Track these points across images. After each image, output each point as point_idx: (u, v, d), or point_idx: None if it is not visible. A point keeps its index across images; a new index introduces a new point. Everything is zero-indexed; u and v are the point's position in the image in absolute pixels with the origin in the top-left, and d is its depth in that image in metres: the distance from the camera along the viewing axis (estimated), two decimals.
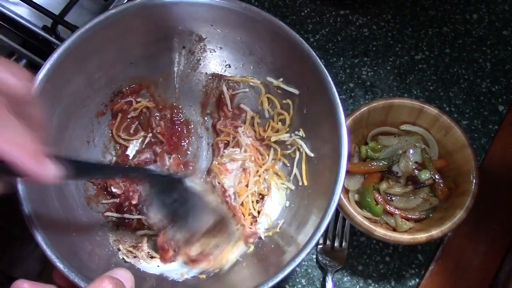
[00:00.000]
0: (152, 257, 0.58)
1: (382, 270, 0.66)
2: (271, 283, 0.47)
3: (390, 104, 0.62)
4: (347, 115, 0.62)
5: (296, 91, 0.59)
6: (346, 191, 0.64)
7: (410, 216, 0.62)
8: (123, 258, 0.57)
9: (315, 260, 0.66)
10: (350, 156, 0.65)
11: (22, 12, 0.67)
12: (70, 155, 0.57)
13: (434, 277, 0.66)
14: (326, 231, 0.66)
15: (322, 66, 0.54)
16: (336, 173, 0.50)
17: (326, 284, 0.64)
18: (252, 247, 0.58)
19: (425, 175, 0.61)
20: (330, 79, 0.53)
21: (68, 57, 0.52)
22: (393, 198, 0.62)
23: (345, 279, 0.66)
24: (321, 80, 0.54)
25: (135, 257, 0.57)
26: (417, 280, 0.66)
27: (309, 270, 0.66)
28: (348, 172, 0.64)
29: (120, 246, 0.57)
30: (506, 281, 0.64)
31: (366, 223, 0.58)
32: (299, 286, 0.65)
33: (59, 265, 0.45)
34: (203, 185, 0.62)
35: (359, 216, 0.58)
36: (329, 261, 0.65)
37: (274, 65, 0.61)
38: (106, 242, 0.57)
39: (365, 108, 0.62)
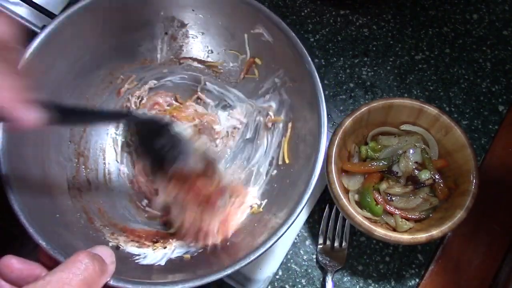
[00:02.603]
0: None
1: (382, 270, 0.66)
2: (250, 259, 0.47)
3: (390, 104, 0.62)
4: (347, 115, 0.62)
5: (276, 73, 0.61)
6: (346, 191, 0.64)
7: (410, 216, 0.62)
8: (108, 241, 0.56)
9: (315, 260, 0.66)
10: (350, 156, 0.65)
11: (22, 12, 0.68)
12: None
13: (434, 277, 0.66)
14: (326, 231, 0.66)
15: (301, 44, 0.55)
16: (316, 149, 0.52)
17: (326, 284, 0.64)
18: (255, 207, 0.59)
19: (425, 175, 0.61)
20: (309, 58, 0.54)
21: (50, 44, 0.53)
22: (393, 198, 0.62)
23: (345, 279, 0.66)
24: (300, 60, 0.54)
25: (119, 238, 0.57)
26: (417, 280, 0.66)
27: (309, 270, 0.66)
28: (348, 172, 0.64)
29: (105, 231, 0.57)
30: (506, 281, 0.64)
31: (366, 223, 0.58)
32: (299, 286, 0.65)
33: (42, 242, 0.45)
34: (191, 129, 0.62)
35: (359, 216, 0.58)
36: (329, 261, 0.65)
37: (256, 49, 0.61)
38: (91, 224, 0.57)
39: (365, 108, 0.62)
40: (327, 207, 0.67)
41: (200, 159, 0.56)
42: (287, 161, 0.59)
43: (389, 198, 0.62)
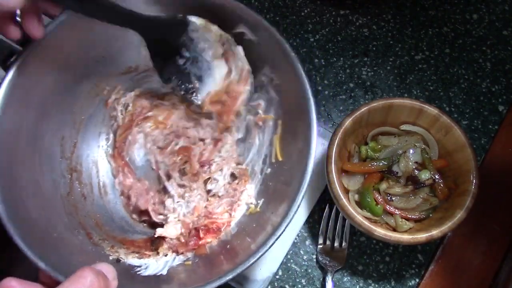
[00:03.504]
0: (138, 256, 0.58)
1: (382, 270, 0.66)
2: (250, 261, 0.47)
3: (390, 104, 0.62)
4: (347, 115, 0.62)
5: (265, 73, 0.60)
6: (346, 191, 0.64)
7: (410, 216, 0.62)
8: (108, 254, 0.56)
9: (315, 260, 0.66)
10: (350, 156, 0.65)
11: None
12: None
13: (434, 277, 0.66)
14: (326, 231, 0.66)
15: (284, 40, 0.54)
16: (308, 144, 0.51)
17: (326, 284, 0.64)
18: (252, 207, 0.60)
19: (425, 175, 0.61)
20: (293, 54, 0.53)
21: (36, 58, 0.52)
22: (393, 198, 0.62)
23: (345, 279, 0.66)
24: (284, 56, 0.54)
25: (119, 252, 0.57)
26: (417, 280, 0.66)
27: (309, 270, 0.66)
28: (348, 172, 0.64)
29: (104, 244, 0.57)
30: (506, 281, 0.64)
31: (366, 223, 0.58)
32: (299, 286, 0.65)
33: (41, 264, 0.45)
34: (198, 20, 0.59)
35: (359, 216, 0.58)
36: (329, 261, 0.65)
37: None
38: (89, 239, 0.57)
39: (365, 108, 0.62)
40: (327, 207, 0.67)
41: (219, 46, 0.57)
42: (280, 158, 0.59)
43: (389, 198, 0.62)
